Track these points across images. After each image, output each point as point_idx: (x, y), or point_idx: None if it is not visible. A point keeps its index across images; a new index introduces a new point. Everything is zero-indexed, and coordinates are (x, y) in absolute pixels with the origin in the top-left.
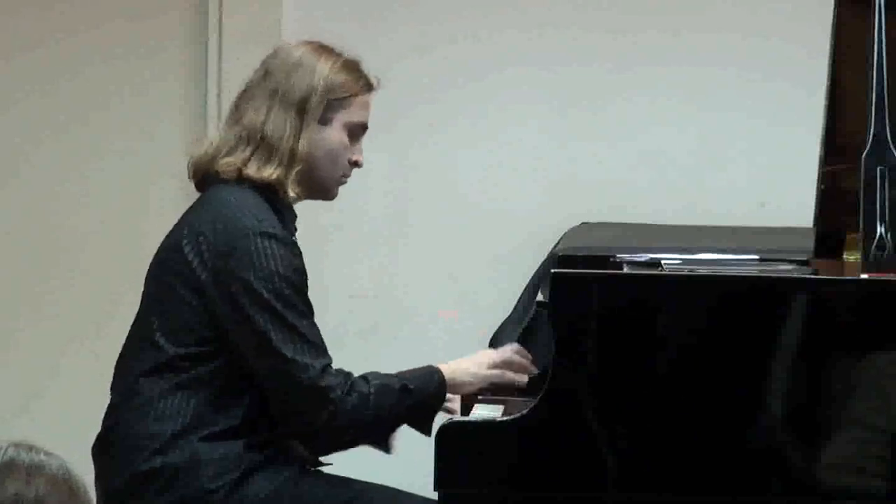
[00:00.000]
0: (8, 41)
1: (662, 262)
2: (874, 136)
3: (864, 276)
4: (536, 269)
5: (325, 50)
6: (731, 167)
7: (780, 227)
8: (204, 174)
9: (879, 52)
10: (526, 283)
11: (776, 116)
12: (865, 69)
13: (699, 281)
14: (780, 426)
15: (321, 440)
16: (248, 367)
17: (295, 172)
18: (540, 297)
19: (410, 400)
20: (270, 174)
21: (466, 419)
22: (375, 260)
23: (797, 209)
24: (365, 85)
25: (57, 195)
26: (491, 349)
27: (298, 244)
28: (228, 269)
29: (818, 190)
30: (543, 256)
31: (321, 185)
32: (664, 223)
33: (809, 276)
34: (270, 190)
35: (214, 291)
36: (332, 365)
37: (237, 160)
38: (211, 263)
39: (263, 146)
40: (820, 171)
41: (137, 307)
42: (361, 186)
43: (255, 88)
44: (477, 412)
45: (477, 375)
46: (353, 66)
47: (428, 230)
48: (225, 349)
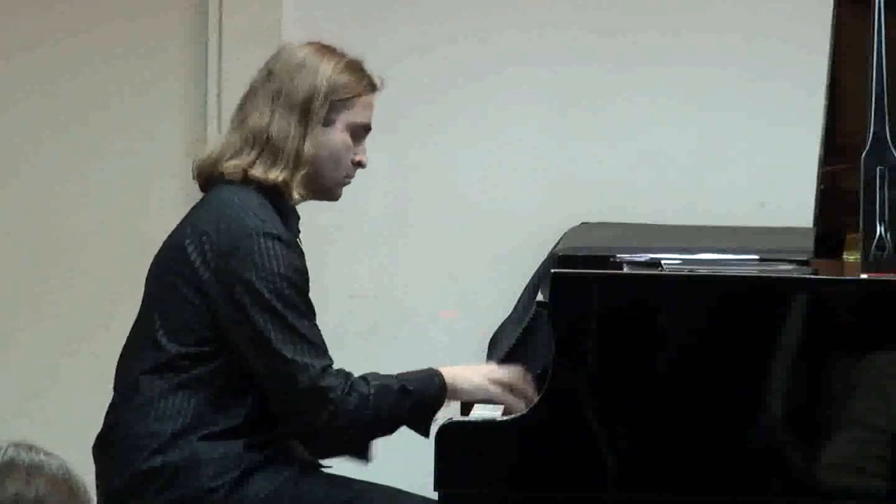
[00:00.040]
0: (8, 41)
1: (662, 262)
2: (874, 136)
3: (864, 276)
4: (536, 269)
5: (328, 50)
6: (731, 167)
7: (780, 227)
8: (208, 176)
9: (879, 52)
10: (526, 283)
11: (776, 116)
12: (865, 69)
13: (699, 281)
14: (780, 426)
15: (321, 440)
16: (248, 367)
17: (301, 175)
18: (540, 297)
19: (410, 401)
20: (276, 177)
21: (466, 419)
22: (375, 260)
23: (797, 209)
24: (368, 85)
25: (57, 195)
26: (501, 366)
27: (301, 245)
28: (230, 268)
29: (818, 190)
30: (543, 256)
31: (325, 186)
32: (664, 223)
33: (809, 276)
34: (274, 191)
35: (216, 291)
36: (332, 366)
37: (243, 163)
38: (213, 263)
39: (269, 148)
40: (820, 171)
41: (137, 307)
42: (362, 186)
43: (258, 90)
44: (477, 412)
45: (479, 386)
46: (355, 66)
47: (428, 230)
48: (225, 349)
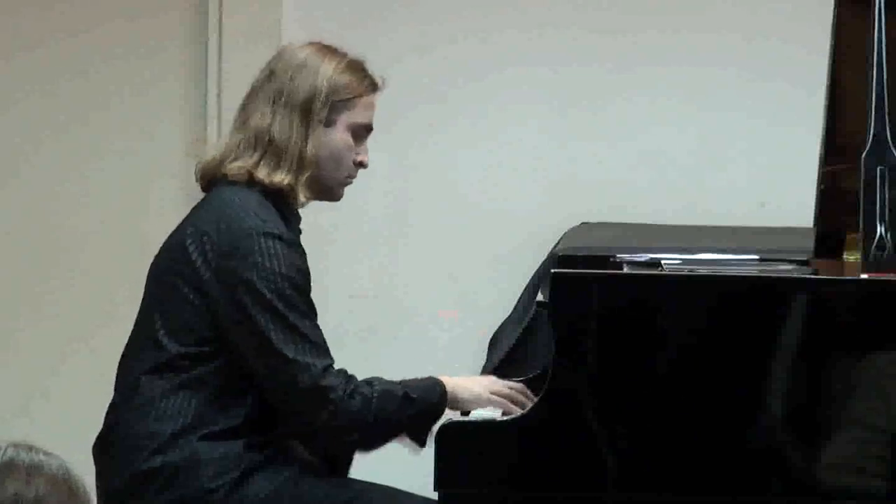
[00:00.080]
0: (8, 41)
1: (662, 262)
2: (874, 136)
3: (864, 276)
4: (536, 269)
5: (329, 51)
6: (731, 167)
7: (780, 227)
8: (211, 178)
9: (879, 52)
10: (526, 283)
11: (776, 116)
12: (865, 69)
13: (699, 281)
14: (780, 426)
15: (321, 441)
16: (248, 367)
17: (305, 177)
18: (540, 297)
19: (412, 409)
20: (281, 180)
21: (466, 419)
22: (375, 260)
23: (797, 209)
24: (369, 85)
25: (57, 195)
26: (501, 380)
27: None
28: (231, 268)
29: (818, 190)
30: (543, 256)
31: (326, 186)
32: (664, 223)
33: (809, 276)
34: (278, 194)
35: (217, 291)
36: (333, 366)
37: (246, 164)
38: (215, 263)
39: (271, 150)
40: (820, 171)
41: (137, 307)
42: (362, 186)
43: (259, 90)
44: (477, 412)
45: (480, 397)
46: (357, 66)
47: (428, 230)
48: (226, 349)
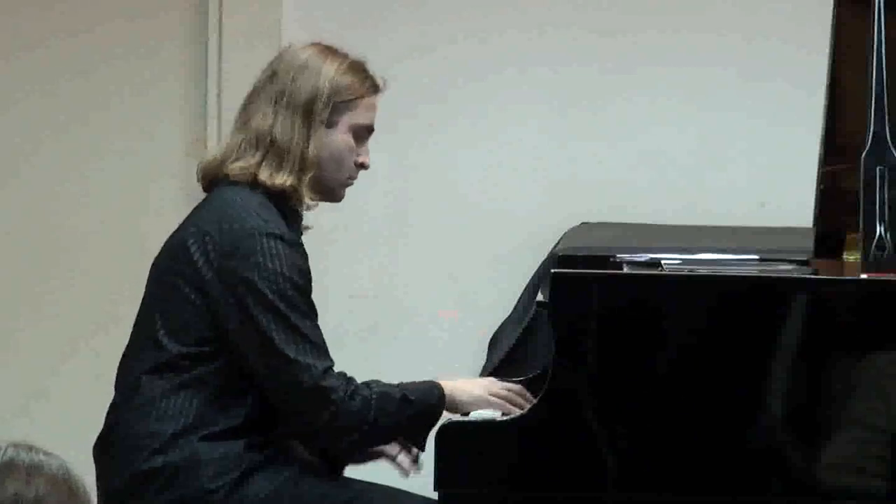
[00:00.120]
0: (8, 41)
1: (662, 262)
2: (874, 136)
3: (864, 276)
4: (536, 269)
5: (330, 52)
6: (731, 167)
7: (780, 227)
8: (213, 178)
9: (879, 52)
10: (526, 283)
11: (776, 116)
12: (865, 69)
13: (699, 281)
14: (780, 426)
15: (321, 441)
16: (248, 367)
17: (308, 178)
18: (540, 297)
19: (411, 410)
20: (284, 181)
21: (466, 419)
22: (375, 260)
23: (797, 209)
24: (371, 86)
25: (57, 195)
26: (500, 381)
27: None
28: (233, 268)
29: (818, 190)
30: (543, 256)
31: (327, 187)
32: (664, 223)
33: (809, 276)
34: (281, 195)
35: (218, 291)
36: (333, 367)
37: (248, 165)
38: (216, 263)
39: (274, 150)
40: (820, 171)
41: (137, 307)
42: (362, 187)
43: (261, 91)
44: (477, 412)
45: (479, 399)
46: (358, 67)
47: (428, 230)
48: (226, 349)
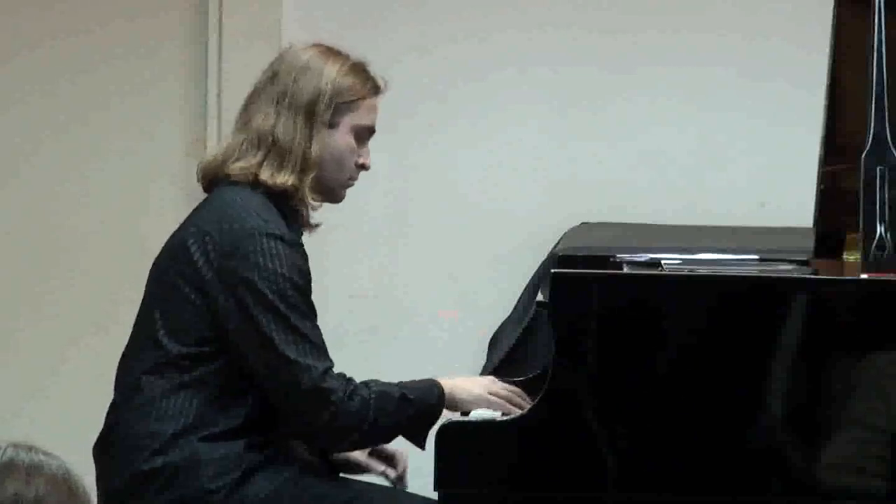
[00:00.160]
0: (8, 41)
1: (662, 262)
2: (874, 136)
3: (864, 276)
4: (536, 269)
5: (332, 53)
6: (731, 167)
7: (780, 227)
8: (213, 178)
9: (879, 52)
10: (526, 283)
11: (776, 116)
12: (865, 69)
13: (699, 281)
14: (780, 426)
15: (321, 442)
16: (248, 367)
17: (309, 179)
18: (540, 297)
19: (410, 410)
20: (285, 181)
21: (466, 419)
22: (375, 260)
23: (797, 209)
24: (372, 88)
25: (57, 195)
26: (499, 381)
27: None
28: (233, 268)
29: (818, 190)
30: (543, 256)
31: (328, 188)
32: (664, 223)
33: (809, 276)
34: (282, 195)
35: (218, 291)
36: (333, 368)
37: (249, 165)
38: (216, 263)
39: (274, 151)
40: (820, 171)
41: (137, 307)
42: (362, 186)
43: (262, 92)
44: (477, 412)
45: (478, 398)
46: (360, 68)
47: (428, 230)
48: (226, 349)
